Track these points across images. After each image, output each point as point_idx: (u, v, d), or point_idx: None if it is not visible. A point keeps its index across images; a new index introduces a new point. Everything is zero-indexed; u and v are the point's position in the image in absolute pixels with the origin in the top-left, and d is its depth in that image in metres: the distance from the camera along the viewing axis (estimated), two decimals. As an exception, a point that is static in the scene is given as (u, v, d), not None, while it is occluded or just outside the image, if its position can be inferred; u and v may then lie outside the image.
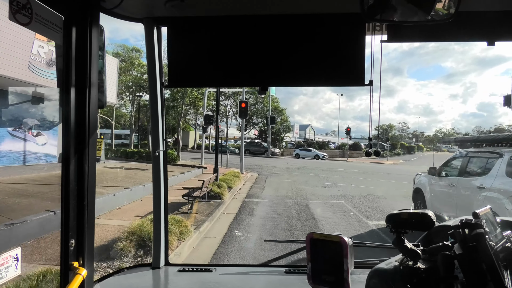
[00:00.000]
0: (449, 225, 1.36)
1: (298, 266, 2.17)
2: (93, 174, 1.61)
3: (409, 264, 1.33)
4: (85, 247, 1.58)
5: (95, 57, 1.59)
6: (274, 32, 1.88)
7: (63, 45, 1.50)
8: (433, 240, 1.51)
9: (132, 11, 1.90)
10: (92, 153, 1.60)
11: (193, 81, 2.04)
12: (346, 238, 1.25)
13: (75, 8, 1.51)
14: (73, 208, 1.54)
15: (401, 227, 1.35)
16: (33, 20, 1.36)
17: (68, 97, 1.50)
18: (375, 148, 1.86)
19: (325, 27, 1.85)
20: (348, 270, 1.22)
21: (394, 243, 1.38)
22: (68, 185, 1.51)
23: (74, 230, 1.55)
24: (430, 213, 1.33)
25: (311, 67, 1.88)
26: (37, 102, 16.01)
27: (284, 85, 2.01)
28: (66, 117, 1.51)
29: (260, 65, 1.90)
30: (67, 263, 1.53)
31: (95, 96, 1.61)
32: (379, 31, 1.86)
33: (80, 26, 1.53)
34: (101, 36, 1.64)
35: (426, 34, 1.82)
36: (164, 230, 2.26)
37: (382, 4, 1.29)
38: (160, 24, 2.02)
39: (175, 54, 1.94)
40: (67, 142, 1.51)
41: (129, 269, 2.22)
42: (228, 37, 1.91)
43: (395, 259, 1.42)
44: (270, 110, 47.94)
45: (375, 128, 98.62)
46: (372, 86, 1.80)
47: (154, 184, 2.22)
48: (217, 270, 2.18)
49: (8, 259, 1.42)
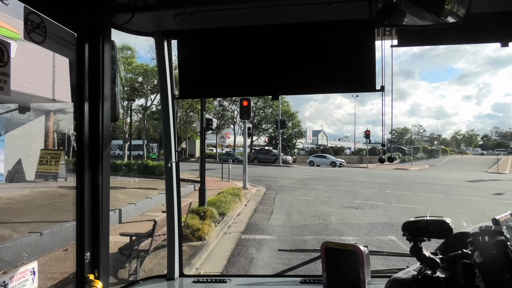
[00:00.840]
0: (468, 233, 1.36)
1: (314, 276, 2.13)
2: (107, 187, 1.69)
3: (428, 273, 1.31)
4: (100, 259, 1.65)
5: (108, 72, 1.68)
6: (283, 41, 1.89)
7: (77, 61, 1.59)
8: (451, 248, 1.47)
9: (143, 25, 1.94)
10: (105, 166, 1.68)
11: (204, 92, 2.10)
12: (362, 246, 1.28)
13: (88, 25, 1.61)
14: (88, 221, 1.61)
15: (418, 235, 1.34)
16: (47, 38, 1.43)
17: (82, 111, 1.59)
18: (388, 154, 1.88)
19: (334, 34, 1.85)
20: (365, 280, 1.24)
21: (411, 252, 1.36)
22: (83, 198, 1.59)
23: (89, 243, 1.62)
24: (448, 220, 1.33)
25: (321, 74, 1.89)
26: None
27: (295, 93, 2.00)
28: (80, 131, 1.59)
29: (270, 74, 1.92)
30: (82, 276, 1.59)
31: (108, 110, 1.69)
32: (389, 36, 1.83)
33: (92, 43, 1.63)
34: (113, 51, 1.74)
35: (437, 37, 1.81)
36: (178, 242, 2.26)
37: (391, 9, 1.28)
38: (170, 37, 2.06)
39: (185, 66, 1.99)
40: (81, 155, 1.59)
41: (144, 281, 2.23)
42: (237, 47, 1.94)
43: (413, 268, 1.41)
44: (280, 113, 43.47)
45: (390, 132, 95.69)
46: (384, 91, 1.77)
47: (167, 195, 2.24)
48: (232, 281, 2.15)
49: (25, 272, 1.44)
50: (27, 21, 1.34)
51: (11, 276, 1.38)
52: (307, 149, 59.19)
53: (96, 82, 1.62)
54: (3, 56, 1.31)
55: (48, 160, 15.10)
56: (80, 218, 1.59)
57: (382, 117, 1.77)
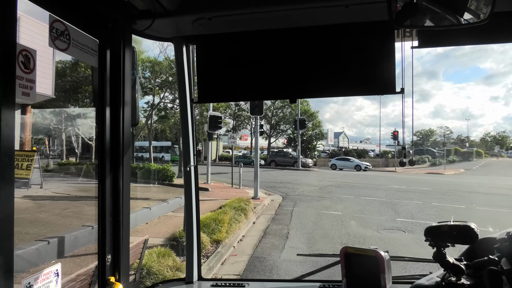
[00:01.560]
0: (495, 238, 1.33)
1: (333, 282, 2.09)
2: (127, 190, 1.72)
3: (452, 280, 1.28)
4: (121, 262, 1.67)
5: (128, 77, 1.72)
6: (301, 44, 1.88)
7: (99, 67, 1.63)
8: (477, 254, 1.42)
9: (162, 31, 1.96)
10: (126, 170, 1.71)
11: (222, 96, 2.11)
12: (383, 252, 1.27)
13: (110, 32, 1.65)
14: (109, 224, 1.64)
15: (441, 240, 1.32)
16: (70, 45, 1.48)
17: (104, 115, 1.63)
18: (409, 157, 1.80)
19: (352, 37, 1.83)
20: (386, 286, 1.23)
21: (434, 258, 1.34)
22: (104, 202, 1.63)
23: (110, 245, 1.64)
24: (473, 225, 1.30)
25: (340, 77, 1.86)
26: None
27: (313, 97, 2.14)
28: (101, 135, 1.63)
29: (288, 77, 1.90)
30: (104, 278, 1.62)
31: (129, 114, 1.73)
32: (409, 37, 1.80)
33: (114, 49, 1.67)
34: (133, 57, 1.77)
35: (460, 37, 1.76)
36: (196, 245, 2.26)
37: (411, 9, 1.26)
38: (189, 42, 2.07)
39: (204, 70, 2.01)
40: (103, 159, 1.63)
41: (163, 284, 2.24)
42: (255, 51, 1.94)
43: (437, 274, 1.38)
44: (299, 113, 40.16)
45: (414, 134, 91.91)
46: (404, 93, 1.75)
47: (186, 199, 2.25)
48: (250, 286, 2.14)
49: (49, 274, 1.46)
50: (52, 28, 1.40)
51: (36, 277, 1.39)
52: (328, 152, 55.39)
53: (117, 87, 1.66)
54: (29, 63, 1.33)
55: (19, 163, 12.48)
56: (102, 221, 1.62)
57: (403, 119, 1.80)
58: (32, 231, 7.61)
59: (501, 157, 69.62)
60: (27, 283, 1.35)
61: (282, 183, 21.47)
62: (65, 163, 27.96)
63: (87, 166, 25.54)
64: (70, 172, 24.47)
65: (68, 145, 30.52)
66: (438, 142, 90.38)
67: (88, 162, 27.38)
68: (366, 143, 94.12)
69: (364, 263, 1.29)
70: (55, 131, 27.58)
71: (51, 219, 9.35)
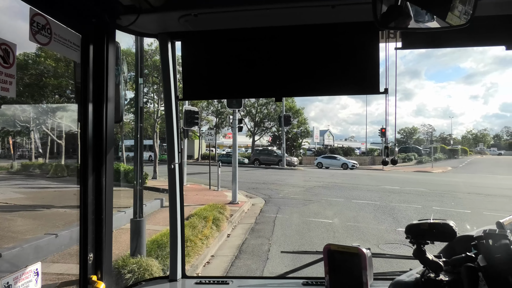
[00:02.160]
0: (472, 236, 1.35)
1: (316, 278, 2.10)
2: (110, 188, 1.70)
3: (431, 276, 1.30)
4: (103, 261, 1.65)
5: (112, 73, 1.69)
6: (287, 43, 1.88)
7: (81, 62, 1.60)
8: (455, 252, 1.45)
9: (147, 27, 1.93)
10: (109, 167, 1.68)
11: (207, 93, 2.10)
12: (365, 249, 1.28)
13: (92, 27, 1.61)
14: (91, 222, 1.62)
15: (421, 238, 1.33)
16: (52, 40, 1.44)
17: (86, 112, 1.60)
18: (392, 156, 1.80)
19: (338, 37, 1.85)
20: (367, 282, 1.25)
21: (414, 255, 1.35)
22: (86, 200, 1.60)
23: (92, 244, 1.62)
24: (452, 223, 1.33)
25: (325, 76, 1.88)
26: None
27: (299, 95, 2.06)
28: (84, 132, 1.59)
29: (274, 76, 1.91)
30: (85, 277, 1.60)
31: (112, 111, 1.69)
32: (393, 38, 1.83)
33: (97, 44, 1.63)
34: (117, 53, 1.77)
35: (442, 40, 1.81)
36: (180, 243, 2.24)
37: (396, 12, 1.28)
38: (174, 38, 2.04)
39: (189, 67, 1.98)
40: (85, 156, 1.60)
41: (147, 282, 2.23)
42: (241, 49, 1.93)
43: (416, 271, 1.40)
44: (284, 109, 38.42)
45: (398, 132, 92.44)
46: (388, 94, 1.78)
47: (170, 196, 2.21)
48: (234, 283, 2.13)
49: (29, 273, 1.44)
50: (33, 22, 1.36)
51: (15, 277, 1.37)
52: (314, 150, 53.90)
53: (100, 83, 1.64)
54: (8, 57, 1.30)
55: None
56: (84, 219, 1.60)
57: (386, 118, 1.77)
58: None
59: (484, 155, 69.78)
60: (5, 282, 1.33)
61: (265, 183, 19.68)
62: (29, 164, 25.55)
63: (53, 167, 23.21)
64: (33, 174, 22.18)
65: (40, 144, 27.95)
66: (421, 140, 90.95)
67: (54, 163, 24.96)
68: (351, 141, 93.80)
69: (347, 260, 1.30)
70: (23, 130, 25.09)
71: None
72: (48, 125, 23.68)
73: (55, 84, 20.63)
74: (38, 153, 28.69)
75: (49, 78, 20.43)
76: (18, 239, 7.37)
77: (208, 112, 46.82)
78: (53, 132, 23.81)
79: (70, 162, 23.56)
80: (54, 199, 12.54)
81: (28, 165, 25.06)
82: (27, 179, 19.73)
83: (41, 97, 22.71)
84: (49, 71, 20.33)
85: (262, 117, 47.48)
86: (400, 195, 15.21)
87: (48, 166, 23.97)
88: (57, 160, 25.44)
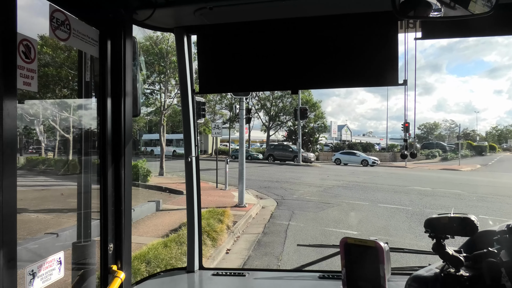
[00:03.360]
0: (495, 231, 1.32)
1: (333, 272, 2.10)
2: (129, 181, 1.73)
3: (451, 272, 1.28)
4: (123, 251, 1.70)
5: (129, 68, 1.71)
6: (303, 35, 1.86)
7: (99, 57, 1.63)
8: (476, 247, 1.40)
9: (163, 21, 1.95)
10: (128, 160, 1.71)
11: (223, 87, 2.10)
12: (382, 243, 1.24)
13: (110, 22, 1.65)
14: (111, 213, 1.67)
15: (441, 232, 1.31)
16: (71, 35, 1.47)
17: (105, 106, 1.63)
18: (411, 150, 1.74)
19: (355, 27, 1.81)
20: (385, 277, 1.21)
21: (434, 249, 1.33)
22: (106, 192, 1.65)
23: (113, 235, 1.67)
24: (473, 218, 1.28)
25: (342, 68, 1.85)
26: None
27: (315, 88, 2.22)
28: (103, 126, 1.64)
29: (290, 68, 1.89)
30: (106, 267, 1.66)
31: (130, 105, 1.72)
32: (413, 28, 1.77)
33: (114, 39, 1.66)
34: (134, 47, 1.76)
35: (464, 29, 1.74)
36: (198, 235, 2.28)
37: (415, 0, 1.26)
38: (190, 32, 2.05)
39: (205, 61, 1.98)
40: (104, 149, 1.64)
41: (165, 273, 2.28)
42: (256, 42, 1.92)
43: (436, 266, 1.37)
44: (300, 102, 36.33)
45: (418, 127, 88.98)
46: (407, 86, 1.74)
47: (188, 189, 2.25)
48: (251, 275, 2.16)
49: (52, 262, 1.47)
50: (52, 18, 1.39)
51: (39, 265, 1.41)
52: (332, 145, 51.52)
53: (118, 78, 1.66)
54: (30, 53, 1.30)
55: None
56: (104, 211, 1.64)
57: (405, 111, 1.74)
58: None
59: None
60: (30, 270, 1.37)
61: (278, 182, 17.87)
62: (33, 159, 24.53)
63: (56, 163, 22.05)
64: (33, 170, 21.13)
65: (51, 139, 26.84)
66: (443, 136, 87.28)
67: (57, 158, 23.83)
68: (369, 136, 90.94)
69: (364, 254, 1.27)
70: (31, 124, 23.97)
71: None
72: (57, 119, 22.45)
73: (54, 74, 19.27)
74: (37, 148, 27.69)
75: (48, 67, 19.06)
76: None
77: (222, 106, 45.24)
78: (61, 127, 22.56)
79: (64, 159, 22.28)
80: (33, 202, 11.10)
81: (32, 159, 24.01)
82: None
83: (43, 88, 21.49)
84: (48, 62, 18.97)
85: (278, 111, 45.53)
86: (435, 199, 13.10)
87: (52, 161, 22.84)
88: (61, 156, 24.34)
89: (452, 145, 54.57)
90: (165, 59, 21.21)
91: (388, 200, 12.70)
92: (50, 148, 27.52)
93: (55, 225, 8.06)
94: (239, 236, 8.06)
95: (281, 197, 13.32)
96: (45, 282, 1.43)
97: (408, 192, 14.70)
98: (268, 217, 10.00)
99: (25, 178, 16.97)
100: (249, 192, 14.25)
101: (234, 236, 7.90)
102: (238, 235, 8.11)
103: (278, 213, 10.59)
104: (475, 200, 13.09)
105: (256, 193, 14.33)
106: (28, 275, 1.35)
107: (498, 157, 48.89)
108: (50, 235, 6.25)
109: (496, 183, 18.55)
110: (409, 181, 19.18)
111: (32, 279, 1.37)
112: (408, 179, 20.38)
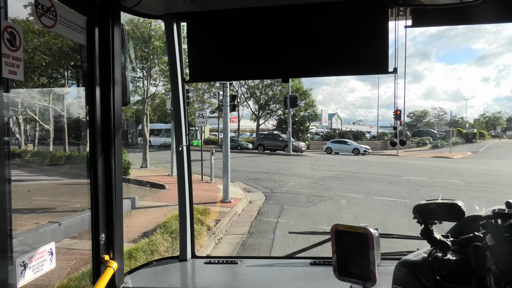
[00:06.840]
0: (481, 216, 1.34)
1: (324, 258, 2.15)
2: (119, 170, 1.70)
3: (439, 256, 1.30)
4: (115, 241, 1.69)
5: (118, 55, 1.69)
6: (294, 22, 1.87)
7: (87, 45, 1.59)
8: (463, 231, 1.44)
9: (152, 8, 1.93)
10: (118, 150, 1.69)
11: (214, 75, 2.10)
12: (372, 229, 1.24)
13: (97, 8, 1.61)
14: (102, 203, 1.65)
15: (429, 217, 1.33)
16: (57, 22, 1.44)
17: (94, 95, 1.60)
18: (401, 137, 1.80)
19: (345, 15, 1.83)
20: (374, 262, 1.22)
21: (422, 234, 1.35)
22: (97, 182, 1.62)
23: (104, 225, 1.66)
24: (460, 203, 1.31)
25: (332, 56, 1.87)
26: None
27: (306, 76, 2.03)
28: (92, 115, 1.60)
29: (280, 56, 1.90)
30: (98, 257, 1.65)
31: (119, 94, 1.69)
32: (403, 16, 1.78)
33: (102, 26, 1.63)
34: (123, 34, 1.73)
35: (454, 17, 1.76)
36: (189, 224, 2.29)
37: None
38: (179, 19, 2.04)
39: (195, 49, 1.97)
40: (94, 139, 1.61)
41: (157, 262, 2.27)
42: (247, 29, 1.92)
43: (424, 250, 1.39)
44: (290, 90, 35.33)
45: (408, 115, 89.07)
46: (397, 74, 1.75)
47: (179, 178, 2.24)
48: (243, 262, 2.18)
49: (44, 253, 1.46)
50: (38, 5, 1.36)
51: (30, 256, 1.40)
52: (322, 134, 50.83)
53: (106, 66, 1.64)
54: (15, 40, 1.29)
55: None
56: (95, 201, 1.63)
57: (395, 99, 1.75)
58: None
59: (502, 139, 66.16)
60: (21, 261, 1.36)
61: (268, 173, 17.01)
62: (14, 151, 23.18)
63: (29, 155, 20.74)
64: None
65: (33, 130, 25.35)
66: (432, 124, 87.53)
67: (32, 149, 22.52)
68: (359, 125, 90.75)
69: (354, 240, 1.25)
70: (11, 113, 22.44)
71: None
72: (35, 109, 21.05)
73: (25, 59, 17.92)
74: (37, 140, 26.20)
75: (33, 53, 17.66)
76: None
77: (210, 95, 43.97)
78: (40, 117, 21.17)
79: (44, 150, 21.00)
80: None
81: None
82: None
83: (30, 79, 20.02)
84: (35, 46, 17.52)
85: (267, 99, 44.52)
86: (433, 190, 12.38)
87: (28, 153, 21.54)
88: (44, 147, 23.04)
89: (442, 132, 54.49)
90: (147, 43, 19.97)
91: (383, 192, 11.94)
92: (31, 140, 26.16)
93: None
94: (221, 238, 7.18)
95: (270, 190, 12.47)
96: (36, 273, 1.42)
97: (403, 183, 13.98)
98: (255, 214, 9.14)
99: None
100: (236, 185, 13.36)
101: (215, 238, 7.02)
102: (221, 237, 7.23)
103: (266, 208, 9.74)
104: (473, 189, 12.44)
105: (243, 186, 13.45)
106: (19, 266, 1.34)
107: (487, 144, 48.89)
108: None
109: (491, 171, 17.99)
110: (403, 170, 18.51)
111: (23, 270, 1.36)
112: (401, 168, 19.72)
